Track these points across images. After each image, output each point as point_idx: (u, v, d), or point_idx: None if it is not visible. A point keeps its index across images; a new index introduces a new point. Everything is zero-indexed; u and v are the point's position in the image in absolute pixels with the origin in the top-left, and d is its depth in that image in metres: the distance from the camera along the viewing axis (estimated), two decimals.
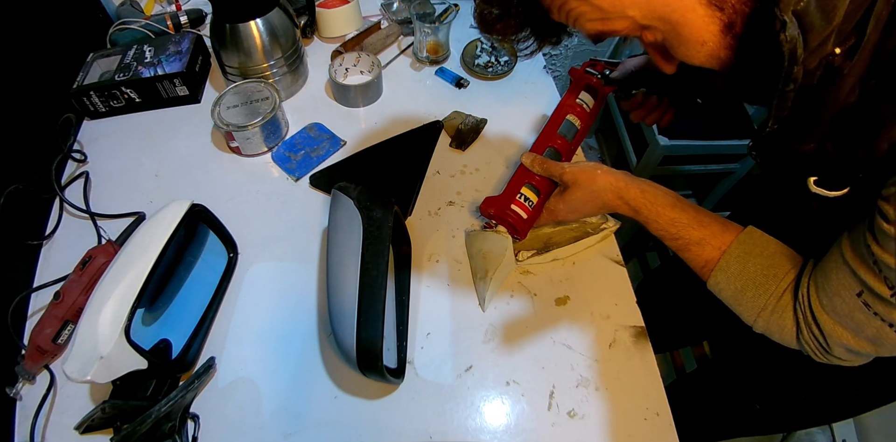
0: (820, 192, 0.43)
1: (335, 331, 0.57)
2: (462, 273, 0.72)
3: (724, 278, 0.54)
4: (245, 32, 0.82)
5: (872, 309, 0.42)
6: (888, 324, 0.42)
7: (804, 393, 0.73)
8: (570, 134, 0.73)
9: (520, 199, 0.66)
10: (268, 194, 0.80)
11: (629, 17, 0.43)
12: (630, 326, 0.67)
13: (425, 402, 0.62)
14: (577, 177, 0.63)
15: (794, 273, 0.52)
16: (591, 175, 0.63)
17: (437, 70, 0.96)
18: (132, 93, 0.87)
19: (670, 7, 0.41)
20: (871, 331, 0.43)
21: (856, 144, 0.38)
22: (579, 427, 0.60)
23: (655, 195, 0.59)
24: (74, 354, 0.51)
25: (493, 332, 0.67)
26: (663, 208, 0.58)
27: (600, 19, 0.45)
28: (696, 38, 0.42)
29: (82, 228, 0.76)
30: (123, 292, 0.54)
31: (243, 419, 0.61)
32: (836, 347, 0.47)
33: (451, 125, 0.87)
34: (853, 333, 0.45)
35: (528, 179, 0.67)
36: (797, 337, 0.50)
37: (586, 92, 0.75)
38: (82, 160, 0.83)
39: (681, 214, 0.58)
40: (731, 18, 0.40)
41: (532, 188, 0.67)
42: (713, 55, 0.43)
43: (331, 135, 0.87)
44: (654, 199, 0.59)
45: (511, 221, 0.65)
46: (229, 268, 0.72)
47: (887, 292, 0.40)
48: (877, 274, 0.41)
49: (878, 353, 0.46)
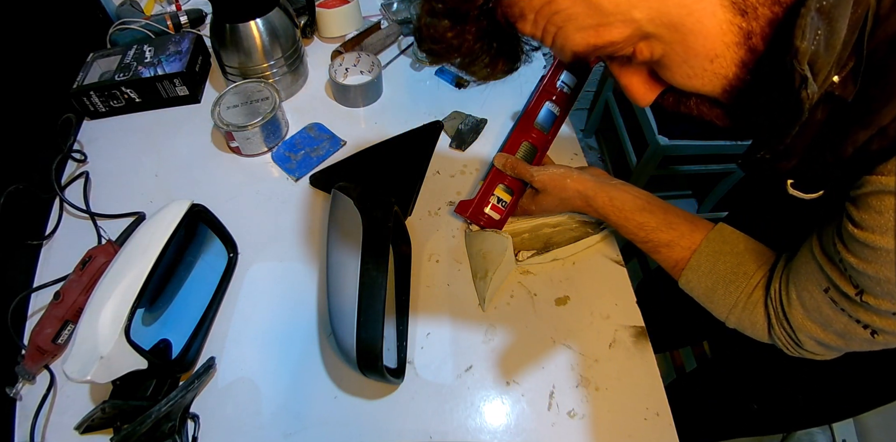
0: (797, 194, 0.43)
1: (335, 331, 0.57)
2: (462, 273, 0.72)
3: (695, 277, 0.56)
4: (245, 32, 0.82)
5: (839, 305, 0.43)
6: (855, 320, 0.43)
7: (801, 393, 0.73)
8: (548, 123, 0.72)
9: (493, 199, 0.68)
10: (268, 194, 0.80)
11: (633, 21, 0.34)
12: (630, 326, 0.67)
13: (425, 402, 0.62)
14: (545, 185, 0.65)
15: (765, 270, 0.53)
16: (561, 183, 0.64)
17: (437, 70, 0.96)
18: (132, 93, 0.87)
19: (686, 9, 0.33)
20: (839, 325, 0.44)
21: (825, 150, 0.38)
22: (579, 427, 0.60)
23: (623, 200, 0.61)
24: (74, 354, 0.51)
25: (493, 332, 0.67)
26: (631, 213, 0.60)
27: (594, 27, 0.36)
28: (707, 51, 0.35)
29: (82, 228, 0.76)
30: (123, 292, 0.54)
31: (243, 419, 0.61)
32: (807, 340, 0.47)
33: (451, 125, 0.87)
34: (822, 327, 0.46)
35: (501, 180, 0.69)
36: (769, 332, 0.51)
37: (569, 70, 0.71)
38: (82, 160, 0.83)
39: (650, 218, 0.59)
40: (751, 27, 0.34)
41: (506, 189, 0.70)
42: (719, 74, 0.36)
43: (331, 135, 0.87)
44: (622, 206, 0.61)
45: (483, 225, 0.69)
46: (229, 268, 0.72)
47: (852, 291, 0.41)
48: (842, 273, 0.42)
49: (848, 347, 0.46)
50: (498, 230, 0.68)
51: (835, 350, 0.48)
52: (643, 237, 0.60)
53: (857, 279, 0.40)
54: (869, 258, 0.38)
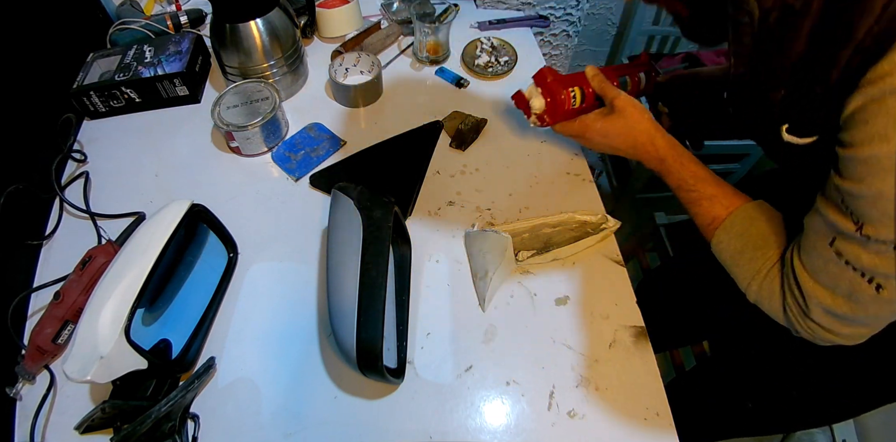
0: (791, 140, 0.44)
1: (335, 331, 0.57)
2: (462, 273, 0.72)
3: (727, 238, 0.56)
4: (245, 32, 0.82)
5: (844, 257, 0.43)
6: (860, 273, 0.43)
7: (796, 390, 0.73)
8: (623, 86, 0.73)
9: (571, 92, 0.67)
10: (268, 194, 0.80)
11: None
12: (630, 326, 0.67)
13: (425, 402, 0.62)
14: (627, 107, 0.64)
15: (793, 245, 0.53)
16: (641, 112, 0.64)
17: (437, 70, 0.96)
18: (132, 93, 0.87)
19: None
20: (845, 284, 0.44)
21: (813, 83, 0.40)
22: (579, 427, 0.60)
23: (683, 150, 0.63)
24: (74, 354, 0.51)
25: (493, 332, 0.67)
26: (688, 161, 0.61)
27: None
28: None
29: (82, 228, 0.76)
30: (123, 292, 0.54)
31: (243, 419, 0.61)
32: (815, 308, 0.47)
33: (451, 125, 0.87)
34: (830, 291, 0.46)
35: (583, 85, 0.68)
36: (783, 304, 0.51)
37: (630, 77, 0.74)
38: (82, 160, 0.83)
39: (702, 170, 0.61)
40: None
41: (582, 93, 0.68)
42: None
43: (331, 135, 0.87)
44: (682, 152, 0.62)
45: (548, 105, 0.66)
46: (229, 268, 0.72)
47: (853, 227, 0.41)
48: (843, 212, 0.42)
49: (854, 313, 0.45)
50: (498, 230, 0.68)
51: (844, 321, 0.47)
52: (691, 185, 0.60)
53: (854, 207, 0.41)
54: (861, 175, 0.39)
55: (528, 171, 0.82)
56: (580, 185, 0.80)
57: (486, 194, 0.79)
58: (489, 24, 1.05)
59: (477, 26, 1.05)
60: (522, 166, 0.83)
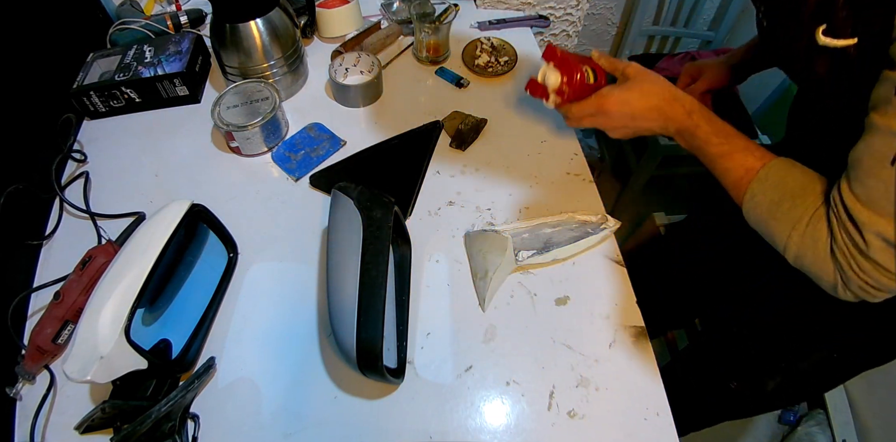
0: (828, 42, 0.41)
1: (335, 331, 0.57)
2: (462, 273, 0.72)
3: (762, 190, 0.53)
4: (245, 32, 0.82)
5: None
6: None
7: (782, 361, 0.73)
8: None
9: (585, 70, 0.66)
10: (268, 194, 0.80)
11: None
12: (630, 326, 0.67)
13: (425, 402, 0.62)
14: (640, 72, 0.63)
15: None
16: (655, 75, 0.63)
17: (437, 70, 0.96)
18: (132, 93, 0.87)
19: None
20: None
21: None
22: (579, 427, 0.60)
23: (706, 108, 0.61)
24: (74, 354, 0.51)
25: (493, 332, 0.67)
26: (715, 117, 0.59)
27: None
28: None
29: (82, 228, 0.76)
30: (123, 292, 0.54)
31: (243, 419, 0.61)
32: (875, 240, 0.44)
33: (451, 125, 0.87)
34: (890, 217, 0.43)
35: (593, 65, 0.67)
36: (831, 247, 0.48)
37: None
38: (82, 160, 0.83)
39: (729, 126, 0.58)
40: None
41: (593, 71, 0.67)
42: None
43: (331, 135, 0.87)
44: (706, 109, 0.60)
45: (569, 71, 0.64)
46: (229, 268, 0.72)
47: None
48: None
49: None
50: (498, 230, 0.68)
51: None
52: (722, 140, 0.57)
53: None
54: None
55: (528, 171, 0.82)
56: (580, 185, 0.81)
57: (486, 194, 0.79)
58: (489, 24, 1.05)
59: (477, 26, 1.05)
60: (522, 166, 0.83)
